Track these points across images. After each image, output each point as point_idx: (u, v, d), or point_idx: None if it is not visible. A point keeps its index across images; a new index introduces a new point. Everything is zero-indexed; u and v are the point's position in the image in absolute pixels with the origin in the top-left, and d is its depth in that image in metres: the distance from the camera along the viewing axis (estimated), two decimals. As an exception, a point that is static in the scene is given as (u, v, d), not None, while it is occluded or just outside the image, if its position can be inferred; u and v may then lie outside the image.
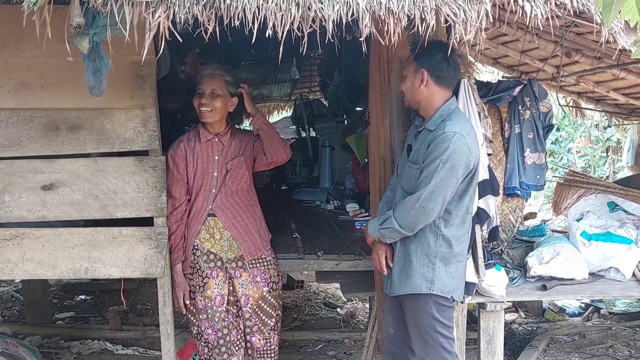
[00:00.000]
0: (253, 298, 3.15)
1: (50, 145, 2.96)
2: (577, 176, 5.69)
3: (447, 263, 2.67)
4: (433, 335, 2.71)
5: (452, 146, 2.52)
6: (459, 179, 2.56)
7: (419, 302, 2.71)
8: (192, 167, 3.09)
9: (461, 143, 2.54)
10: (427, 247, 2.66)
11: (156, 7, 2.26)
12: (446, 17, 2.38)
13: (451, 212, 2.64)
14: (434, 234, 2.66)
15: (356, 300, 5.53)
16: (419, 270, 2.67)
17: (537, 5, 2.43)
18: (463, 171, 2.57)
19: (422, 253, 2.67)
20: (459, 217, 2.67)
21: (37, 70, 2.88)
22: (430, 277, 2.66)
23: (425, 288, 2.66)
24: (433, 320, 2.70)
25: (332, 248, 3.60)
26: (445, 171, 2.52)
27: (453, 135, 2.53)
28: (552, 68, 4.51)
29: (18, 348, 3.80)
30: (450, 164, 2.52)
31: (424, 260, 2.67)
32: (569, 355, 4.25)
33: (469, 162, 2.58)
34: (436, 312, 2.69)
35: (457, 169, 2.54)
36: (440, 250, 2.66)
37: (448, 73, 2.67)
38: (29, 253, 3.01)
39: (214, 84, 3.05)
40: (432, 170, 2.54)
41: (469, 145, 2.57)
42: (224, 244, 3.12)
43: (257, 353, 3.22)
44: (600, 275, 3.61)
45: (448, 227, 2.66)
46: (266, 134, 3.09)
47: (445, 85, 2.69)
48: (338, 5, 2.32)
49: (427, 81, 2.66)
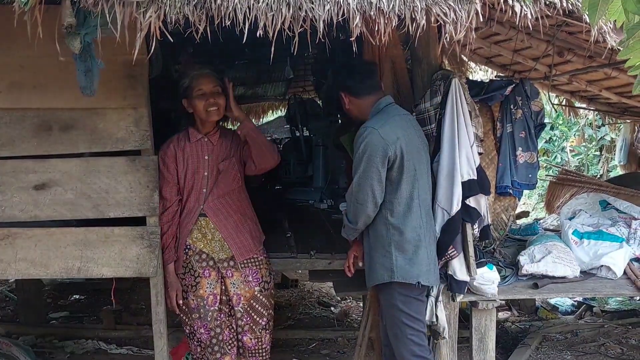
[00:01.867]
0: (245, 298, 3.15)
1: (43, 145, 2.97)
2: (570, 175, 5.73)
3: (403, 250, 2.79)
4: (401, 327, 2.83)
5: (366, 140, 2.74)
6: (379, 168, 2.74)
7: (385, 294, 2.86)
8: (182, 167, 3.08)
9: (374, 135, 2.74)
10: (382, 238, 2.83)
11: (147, 7, 2.28)
12: (436, 17, 2.40)
13: (392, 201, 2.80)
14: (384, 224, 2.82)
15: (350, 299, 5.55)
16: (378, 261, 2.83)
17: (527, 4, 2.44)
18: (381, 160, 2.74)
19: (379, 244, 2.84)
20: (402, 204, 2.80)
21: (29, 70, 2.89)
22: (389, 266, 2.79)
23: (387, 277, 2.79)
24: (399, 312, 2.82)
25: (324, 247, 3.60)
26: (364, 163, 2.74)
27: (365, 130, 2.77)
28: (544, 67, 4.54)
29: (11, 347, 3.80)
30: (367, 155, 2.73)
31: (381, 250, 2.83)
32: (561, 353, 4.27)
33: (386, 151, 2.73)
34: (401, 304, 2.81)
35: (374, 159, 2.73)
36: (393, 239, 2.80)
37: (361, 84, 2.91)
38: (22, 253, 3.01)
39: (213, 82, 3.04)
40: (355, 165, 2.79)
41: (382, 136, 2.74)
42: (216, 245, 3.13)
43: (248, 352, 3.22)
44: (592, 273, 3.61)
45: (394, 216, 2.80)
46: (253, 141, 3.05)
47: (365, 94, 2.91)
48: (329, 5, 2.35)
49: (349, 100, 2.94)
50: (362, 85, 2.90)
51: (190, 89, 3.03)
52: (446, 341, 3.15)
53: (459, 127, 2.94)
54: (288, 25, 2.32)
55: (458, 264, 3.01)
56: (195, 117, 3.09)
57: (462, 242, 3.02)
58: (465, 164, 2.94)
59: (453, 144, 2.96)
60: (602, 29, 2.60)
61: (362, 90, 2.91)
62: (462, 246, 3.02)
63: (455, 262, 3.01)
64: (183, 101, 3.07)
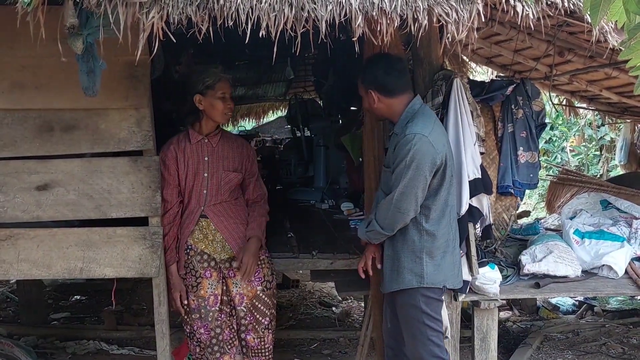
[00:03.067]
0: (247, 297, 3.16)
1: (45, 146, 2.97)
2: (571, 175, 5.73)
3: (433, 256, 2.75)
4: (421, 328, 2.78)
5: (415, 147, 2.60)
6: (427, 176, 2.64)
7: (409, 297, 2.79)
8: (183, 168, 3.09)
9: (423, 143, 2.62)
10: (413, 244, 2.75)
11: (150, 8, 2.27)
12: (438, 17, 2.40)
13: (430, 207, 2.72)
14: (418, 230, 2.74)
15: (351, 299, 5.55)
16: (407, 267, 2.75)
17: (529, 5, 2.45)
18: (430, 168, 2.64)
19: (408, 250, 2.75)
20: (438, 210, 2.74)
21: (31, 71, 2.89)
22: (419, 272, 2.74)
23: (416, 282, 2.75)
24: (421, 314, 2.77)
25: (326, 247, 3.60)
26: (412, 171, 2.61)
27: (414, 137, 2.61)
28: (545, 67, 4.54)
29: (13, 348, 3.80)
30: (416, 164, 2.60)
31: (411, 256, 2.75)
32: (563, 353, 4.27)
33: (435, 159, 2.65)
34: (424, 305, 2.77)
35: (423, 168, 2.62)
36: (426, 245, 2.74)
37: (396, 82, 2.74)
38: (24, 253, 3.01)
39: (229, 87, 3.11)
40: (399, 172, 2.64)
41: (432, 143, 2.63)
42: (217, 246, 3.13)
43: (251, 352, 3.23)
44: (593, 273, 3.62)
45: (429, 221, 2.73)
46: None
47: (398, 93, 2.75)
48: (331, 5, 2.35)
49: (379, 98, 2.75)
50: (398, 83, 2.74)
51: (213, 88, 3.03)
52: (449, 341, 3.15)
53: (462, 126, 2.95)
54: (290, 26, 2.32)
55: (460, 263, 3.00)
56: (203, 115, 3.08)
57: (465, 242, 3.02)
58: (471, 163, 2.95)
59: (458, 143, 2.95)
60: (604, 29, 2.60)
61: (397, 88, 2.74)
62: (465, 246, 3.02)
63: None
64: (196, 96, 3.03)
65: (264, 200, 3.29)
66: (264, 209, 3.27)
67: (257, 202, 3.27)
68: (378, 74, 2.73)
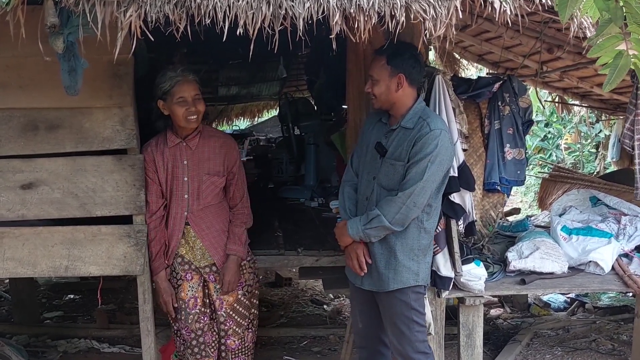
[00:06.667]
0: (227, 302, 3.12)
1: (29, 145, 2.99)
2: (563, 172, 5.74)
3: (426, 254, 2.81)
4: (410, 324, 2.79)
5: (440, 143, 2.63)
6: (444, 173, 2.71)
7: (402, 294, 2.78)
8: (162, 171, 3.01)
9: (446, 139, 2.68)
10: (412, 241, 2.75)
11: (127, 7, 2.29)
12: (416, 14, 2.40)
13: (432, 204, 2.75)
14: (417, 227, 2.74)
15: (343, 297, 5.55)
16: (405, 265, 2.74)
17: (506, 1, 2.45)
18: (448, 165, 2.73)
19: (407, 247, 2.75)
20: (437, 208, 2.80)
21: (14, 71, 2.90)
22: (415, 269, 2.76)
23: (412, 281, 2.76)
24: (411, 310, 2.79)
25: (312, 244, 3.62)
26: (435, 167, 2.63)
27: (440, 133, 2.65)
28: (536, 64, 4.53)
29: (3, 347, 3.82)
30: (439, 159, 2.64)
31: (409, 254, 2.75)
32: (552, 349, 4.28)
33: (451, 157, 2.76)
34: (414, 302, 2.80)
35: (445, 164, 2.68)
36: (422, 242, 2.77)
37: (419, 73, 2.77)
38: (9, 252, 3.03)
39: (195, 88, 2.93)
40: (422, 166, 2.62)
41: (450, 140, 2.74)
42: (197, 253, 3.09)
43: (231, 354, 3.19)
44: (580, 269, 3.62)
45: (429, 219, 2.76)
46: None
47: (416, 85, 2.78)
48: (309, 3, 2.35)
49: (404, 84, 2.71)
50: (419, 74, 2.77)
51: (171, 93, 2.90)
52: (433, 337, 3.16)
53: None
54: (268, 23, 2.33)
55: (442, 260, 3.00)
56: (172, 120, 3.00)
57: (445, 238, 3.03)
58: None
59: None
60: (583, 25, 2.60)
61: (418, 79, 2.77)
62: (445, 242, 3.03)
63: (439, 258, 3.00)
64: (159, 102, 2.96)
65: (242, 203, 3.16)
66: (244, 216, 3.15)
67: (237, 207, 3.15)
68: (410, 61, 2.70)
